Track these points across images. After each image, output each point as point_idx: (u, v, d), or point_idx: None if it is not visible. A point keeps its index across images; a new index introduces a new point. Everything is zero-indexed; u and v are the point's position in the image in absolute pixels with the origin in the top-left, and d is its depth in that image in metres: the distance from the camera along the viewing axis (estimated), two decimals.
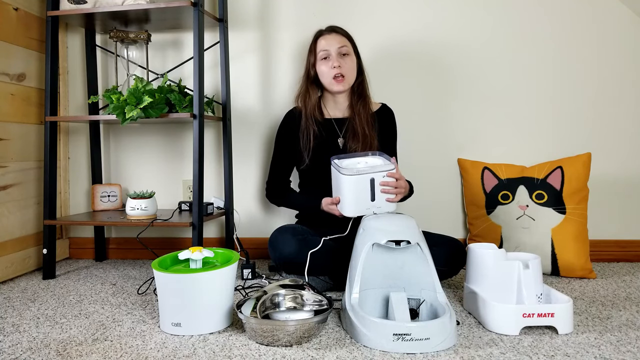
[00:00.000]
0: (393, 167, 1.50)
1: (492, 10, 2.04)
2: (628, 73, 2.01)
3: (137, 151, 2.22)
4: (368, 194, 1.47)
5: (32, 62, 2.00)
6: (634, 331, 1.29)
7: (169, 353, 1.17)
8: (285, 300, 1.32)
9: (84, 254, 2.24)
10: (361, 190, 1.48)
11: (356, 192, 1.48)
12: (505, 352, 1.16)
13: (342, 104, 1.85)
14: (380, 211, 1.49)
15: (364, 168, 1.50)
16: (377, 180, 1.48)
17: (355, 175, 1.47)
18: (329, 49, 1.76)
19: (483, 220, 1.97)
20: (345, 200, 1.50)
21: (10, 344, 1.25)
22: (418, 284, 1.36)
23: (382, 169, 1.49)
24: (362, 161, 1.55)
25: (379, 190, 1.48)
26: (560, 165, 1.91)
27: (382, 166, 1.50)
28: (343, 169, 1.49)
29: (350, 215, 1.51)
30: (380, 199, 1.49)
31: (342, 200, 1.52)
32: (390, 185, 1.49)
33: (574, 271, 1.81)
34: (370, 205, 1.48)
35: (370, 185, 1.47)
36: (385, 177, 1.49)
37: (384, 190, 1.48)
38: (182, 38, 2.17)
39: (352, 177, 1.47)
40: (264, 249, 2.09)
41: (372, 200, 1.48)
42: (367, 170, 1.48)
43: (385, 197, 1.49)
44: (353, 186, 1.47)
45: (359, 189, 1.48)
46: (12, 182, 1.90)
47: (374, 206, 1.48)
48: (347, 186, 1.48)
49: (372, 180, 1.47)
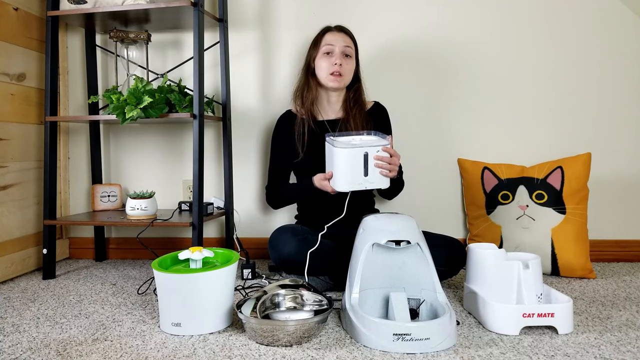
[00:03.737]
0: (387, 142, 1.48)
1: (492, 10, 2.04)
2: (628, 73, 2.01)
3: (137, 151, 2.22)
4: (361, 169, 1.46)
5: (32, 62, 2.00)
6: (634, 331, 1.29)
7: (169, 353, 1.17)
8: (285, 300, 1.32)
9: (84, 254, 2.24)
10: (355, 164, 1.46)
11: (349, 166, 1.46)
12: (505, 352, 1.16)
13: (335, 105, 1.85)
14: (374, 187, 1.48)
15: (358, 143, 1.48)
16: (371, 155, 1.46)
17: (349, 149, 1.45)
18: (334, 44, 1.76)
19: (483, 220, 1.97)
20: (338, 175, 1.48)
21: (10, 344, 1.25)
22: (418, 284, 1.36)
23: (376, 143, 1.47)
24: (357, 138, 1.53)
25: (372, 165, 1.46)
26: (560, 165, 1.91)
27: (376, 141, 1.48)
28: (337, 143, 1.46)
29: (343, 189, 1.49)
30: (374, 174, 1.47)
31: (335, 175, 1.50)
32: (385, 160, 1.47)
33: (574, 271, 1.81)
34: (363, 180, 1.46)
35: (363, 160, 1.45)
36: (380, 151, 1.47)
37: (377, 165, 1.46)
38: (182, 38, 2.17)
39: (346, 149, 1.45)
40: (264, 249, 2.09)
41: (365, 175, 1.46)
42: (361, 144, 1.46)
43: (378, 172, 1.47)
44: (346, 159, 1.45)
45: (353, 163, 1.46)
46: (12, 182, 1.90)
47: (366, 181, 1.46)
48: (340, 159, 1.46)
49: (366, 154, 1.45)
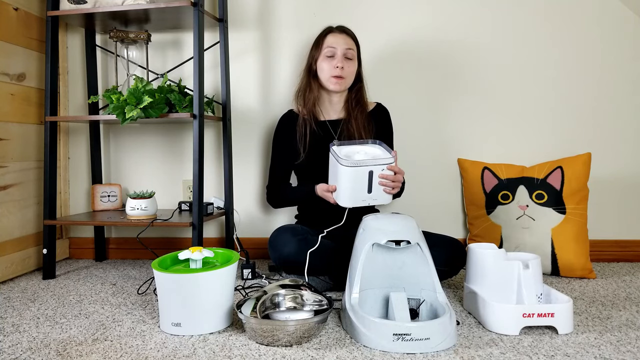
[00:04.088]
0: (392, 160, 1.48)
1: (492, 10, 2.04)
2: (628, 73, 2.01)
3: (137, 151, 2.22)
4: (365, 186, 1.46)
5: (32, 62, 2.00)
6: (634, 331, 1.29)
7: (169, 353, 1.17)
8: (285, 300, 1.32)
9: (84, 254, 2.24)
10: (358, 181, 1.46)
11: (353, 183, 1.46)
12: (505, 352, 1.16)
13: (337, 105, 1.85)
14: (376, 203, 1.49)
15: (363, 159, 1.47)
16: (375, 173, 1.46)
17: (354, 167, 1.45)
18: (336, 47, 1.76)
19: (483, 220, 1.97)
20: (342, 191, 1.49)
21: (10, 344, 1.25)
22: (418, 284, 1.36)
23: (381, 161, 1.47)
24: (362, 150, 1.53)
25: (376, 182, 1.47)
26: (560, 165, 1.91)
27: (381, 158, 1.48)
28: (342, 159, 1.46)
29: (346, 205, 1.50)
30: (377, 190, 1.48)
31: (339, 190, 1.51)
32: (389, 178, 1.48)
33: (574, 271, 1.81)
34: (366, 197, 1.47)
35: (368, 178, 1.46)
36: (385, 169, 1.47)
37: (381, 183, 1.48)
38: (182, 38, 2.17)
39: (351, 168, 1.45)
40: (264, 249, 2.09)
41: (369, 192, 1.47)
42: (366, 162, 1.46)
43: (382, 189, 1.48)
44: (350, 177, 1.46)
45: (357, 180, 1.46)
46: (12, 182, 1.90)
47: (370, 198, 1.47)
48: (344, 177, 1.47)
49: (371, 172, 1.46)
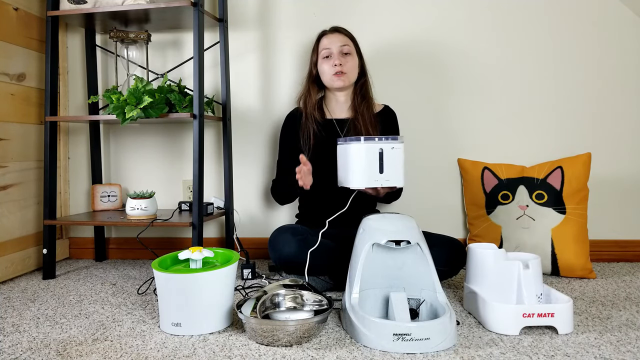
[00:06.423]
0: (401, 141, 1.48)
1: (492, 11, 2.04)
2: (628, 73, 2.01)
3: (137, 151, 2.22)
4: (377, 166, 1.46)
5: (32, 62, 2.00)
6: (634, 331, 1.29)
7: (169, 353, 1.17)
8: (285, 300, 1.32)
9: (84, 254, 2.24)
10: (370, 160, 1.46)
11: (365, 161, 1.46)
12: (505, 352, 1.16)
13: (344, 104, 1.85)
14: (389, 184, 1.48)
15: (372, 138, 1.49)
16: (385, 152, 1.46)
17: (364, 144, 1.45)
18: (331, 47, 1.77)
19: (483, 220, 1.97)
20: (354, 173, 1.49)
21: (10, 344, 1.25)
22: (418, 284, 1.36)
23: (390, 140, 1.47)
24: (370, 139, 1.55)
25: (388, 162, 1.47)
26: (560, 165, 1.91)
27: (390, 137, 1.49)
28: (351, 139, 1.48)
29: (359, 186, 1.49)
30: (389, 170, 1.47)
31: (350, 172, 1.50)
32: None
33: (574, 271, 1.81)
34: (379, 177, 1.47)
35: (378, 157, 1.46)
36: (395, 148, 1.47)
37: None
38: (182, 38, 2.17)
39: (361, 145, 1.46)
40: (264, 249, 2.09)
41: (381, 172, 1.47)
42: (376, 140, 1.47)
43: (394, 170, 1.47)
44: (361, 155, 1.46)
45: (368, 159, 1.46)
46: (12, 182, 1.90)
47: (382, 178, 1.47)
48: (355, 156, 1.47)
49: (381, 151, 1.46)
